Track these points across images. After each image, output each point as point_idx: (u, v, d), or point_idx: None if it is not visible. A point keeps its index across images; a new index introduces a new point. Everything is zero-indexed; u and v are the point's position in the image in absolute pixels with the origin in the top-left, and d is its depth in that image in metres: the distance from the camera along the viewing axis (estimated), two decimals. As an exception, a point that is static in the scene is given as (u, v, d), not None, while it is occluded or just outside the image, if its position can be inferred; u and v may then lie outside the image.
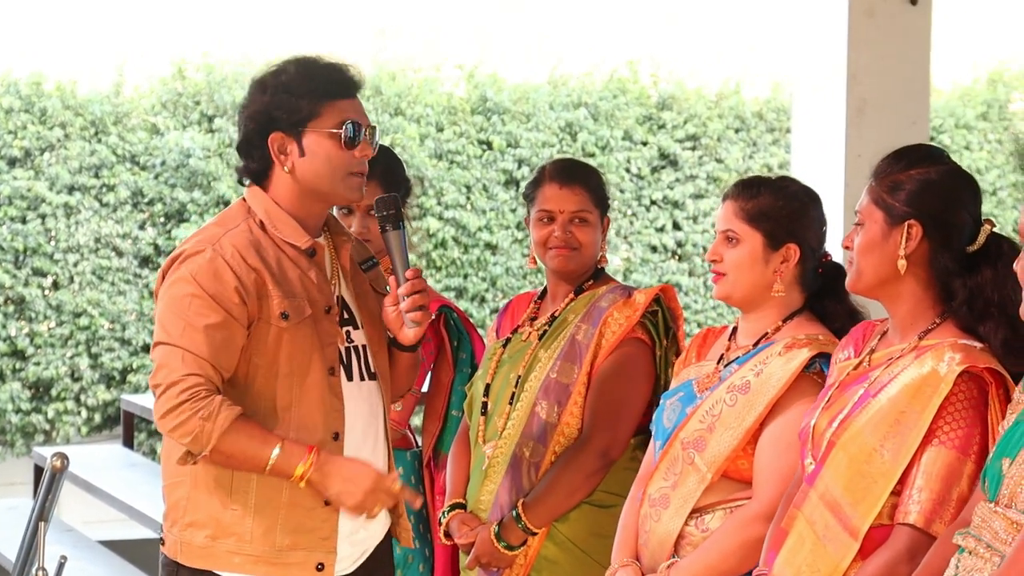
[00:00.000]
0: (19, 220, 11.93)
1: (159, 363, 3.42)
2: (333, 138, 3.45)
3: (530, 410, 4.12)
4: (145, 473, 8.20)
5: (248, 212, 3.52)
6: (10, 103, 12.03)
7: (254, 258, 3.43)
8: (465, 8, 14.91)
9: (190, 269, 3.41)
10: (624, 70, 13.71)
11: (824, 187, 6.45)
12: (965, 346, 3.16)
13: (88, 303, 12.06)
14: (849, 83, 6.64)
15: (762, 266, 3.66)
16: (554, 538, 4.07)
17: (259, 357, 3.43)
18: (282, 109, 3.45)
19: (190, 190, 12.29)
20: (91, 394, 12.12)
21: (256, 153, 3.50)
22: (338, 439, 3.48)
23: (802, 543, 3.23)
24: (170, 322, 3.41)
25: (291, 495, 3.45)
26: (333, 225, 3.63)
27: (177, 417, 3.35)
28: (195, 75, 12.64)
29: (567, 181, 4.18)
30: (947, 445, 3.10)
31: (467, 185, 12.96)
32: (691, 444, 3.63)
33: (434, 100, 13.00)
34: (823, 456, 3.23)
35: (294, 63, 3.51)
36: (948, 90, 14.53)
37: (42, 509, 3.51)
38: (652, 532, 3.68)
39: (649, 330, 4.12)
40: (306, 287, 3.47)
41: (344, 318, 3.56)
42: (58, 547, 5.61)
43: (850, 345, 3.43)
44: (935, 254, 3.24)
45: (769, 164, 13.73)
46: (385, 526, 3.67)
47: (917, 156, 3.30)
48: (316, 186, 3.48)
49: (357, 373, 3.55)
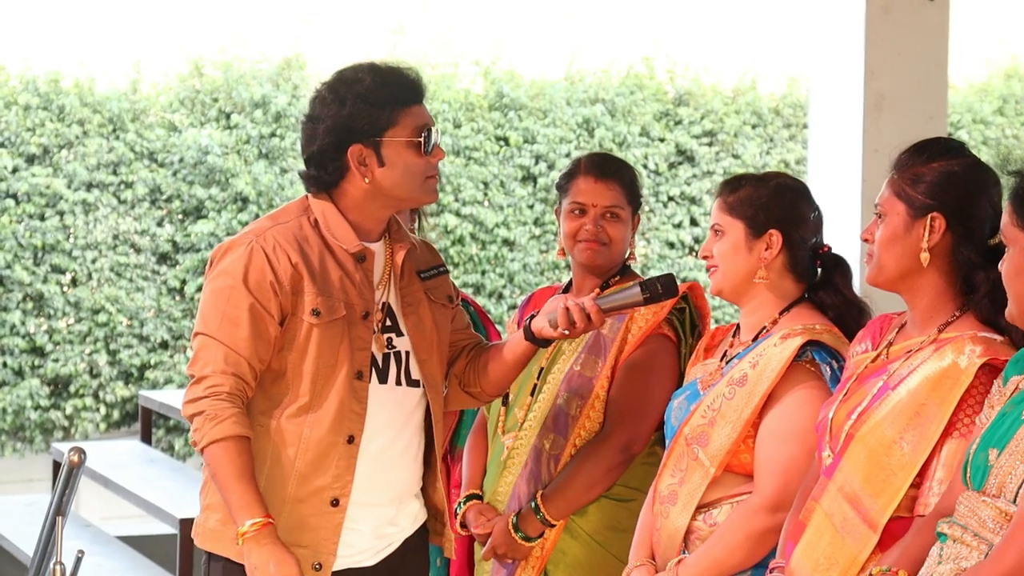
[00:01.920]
0: (37, 217, 11.96)
1: (196, 354, 3.49)
2: (411, 146, 3.49)
3: (552, 402, 4.12)
4: (163, 469, 8.21)
5: (305, 209, 3.56)
6: (28, 100, 12.06)
7: (295, 253, 3.47)
8: (482, 4, 14.91)
9: (231, 260, 3.48)
10: (641, 66, 13.70)
11: (841, 183, 6.48)
12: (985, 339, 3.16)
13: (106, 300, 12.09)
14: (866, 78, 6.62)
15: (745, 254, 3.68)
16: (571, 531, 4.07)
17: (289, 352, 3.47)
18: (362, 120, 3.46)
19: (208, 187, 12.31)
20: (109, 390, 12.15)
21: (332, 165, 3.51)
22: (352, 442, 3.50)
23: (820, 535, 3.23)
24: (209, 313, 3.47)
25: (296, 491, 3.48)
26: (395, 230, 3.65)
27: (193, 407, 3.44)
28: (213, 72, 12.66)
29: (602, 175, 4.17)
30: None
31: (484, 181, 12.96)
32: (695, 440, 3.65)
33: (451, 96, 13.00)
34: (842, 449, 3.23)
35: (367, 72, 3.51)
36: (964, 86, 14.50)
37: (60, 503, 3.52)
38: (663, 529, 3.70)
39: (675, 327, 4.12)
40: (345, 289, 3.50)
41: (387, 325, 3.58)
42: (76, 542, 5.62)
43: (867, 338, 3.43)
44: (957, 247, 3.23)
45: (786, 160, 13.72)
46: (418, 521, 3.70)
47: (938, 149, 3.30)
48: (394, 193, 3.52)
49: (393, 379, 3.57)
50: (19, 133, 11.97)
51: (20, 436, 12.15)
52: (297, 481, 3.47)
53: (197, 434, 3.42)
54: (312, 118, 3.52)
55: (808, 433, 3.48)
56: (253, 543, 3.37)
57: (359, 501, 3.53)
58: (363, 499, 3.54)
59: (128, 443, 10.12)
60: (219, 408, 3.39)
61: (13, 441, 12.13)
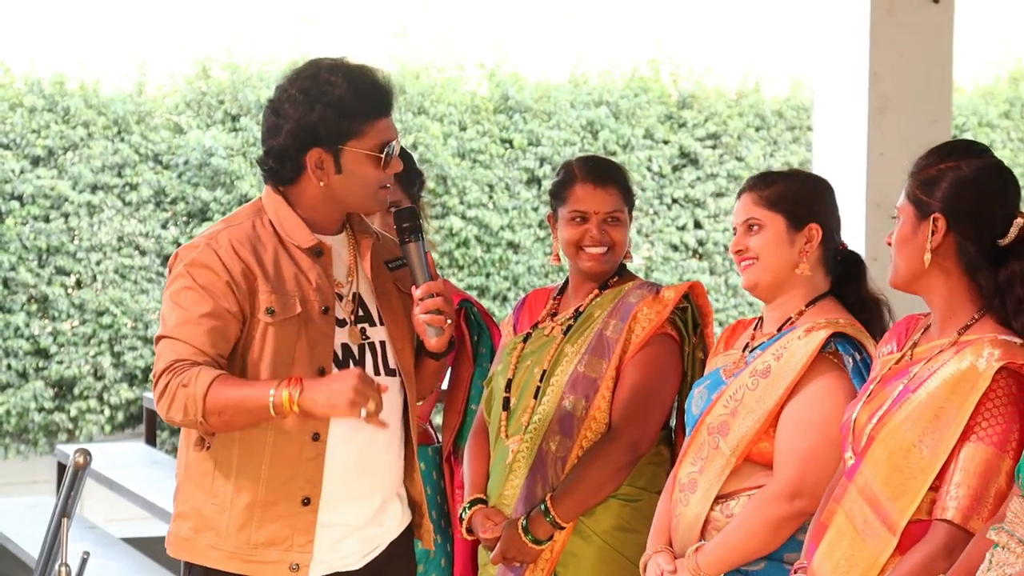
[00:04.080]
0: (42, 219, 11.97)
1: (157, 356, 3.43)
2: (371, 159, 3.46)
3: (557, 404, 4.12)
4: (167, 470, 8.21)
5: (258, 210, 3.54)
6: (33, 102, 12.07)
7: (247, 253, 3.45)
8: (485, 7, 14.92)
9: (184, 263, 3.45)
10: (645, 69, 13.70)
11: (846, 185, 6.48)
12: (1004, 342, 3.15)
13: (111, 302, 12.10)
14: (871, 81, 6.63)
15: (788, 247, 3.73)
16: (580, 532, 4.07)
17: (247, 352, 3.44)
18: (326, 127, 3.43)
19: (213, 189, 12.32)
20: (114, 392, 12.15)
21: (290, 163, 3.49)
22: (318, 439, 3.46)
23: (841, 537, 3.23)
24: (168, 316, 3.43)
25: (266, 494, 3.45)
26: (356, 223, 3.64)
27: (167, 397, 3.33)
28: (218, 74, 12.67)
29: (601, 182, 4.17)
30: (985, 441, 3.09)
31: (489, 184, 12.97)
32: (716, 429, 3.69)
33: (457, 99, 13.01)
34: (863, 451, 3.23)
35: (343, 78, 3.45)
36: (970, 89, 14.50)
37: (65, 505, 3.52)
38: (682, 516, 3.73)
39: (678, 326, 4.13)
40: (301, 286, 3.47)
41: (360, 315, 3.56)
42: (81, 544, 5.62)
43: (893, 339, 3.43)
44: (962, 247, 3.23)
45: (789, 162, 13.71)
46: (403, 523, 3.67)
47: (950, 151, 3.31)
48: (346, 201, 3.51)
49: (371, 369, 3.55)
50: (24, 135, 11.98)
51: (24, 438, 12.15)
52: (266, 483, 3.44)
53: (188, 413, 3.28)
54: (277, 113, 3.48)
55: (828, 423, 3.50)
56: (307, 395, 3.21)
57: (335, 498, 3.49)
58: (340, 495, 3.50)
59: (132, 445, 10.14)
60: (185, 373, 3.30)
61: (17, 443, 12.14)
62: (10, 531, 7.62)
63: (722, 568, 3.63)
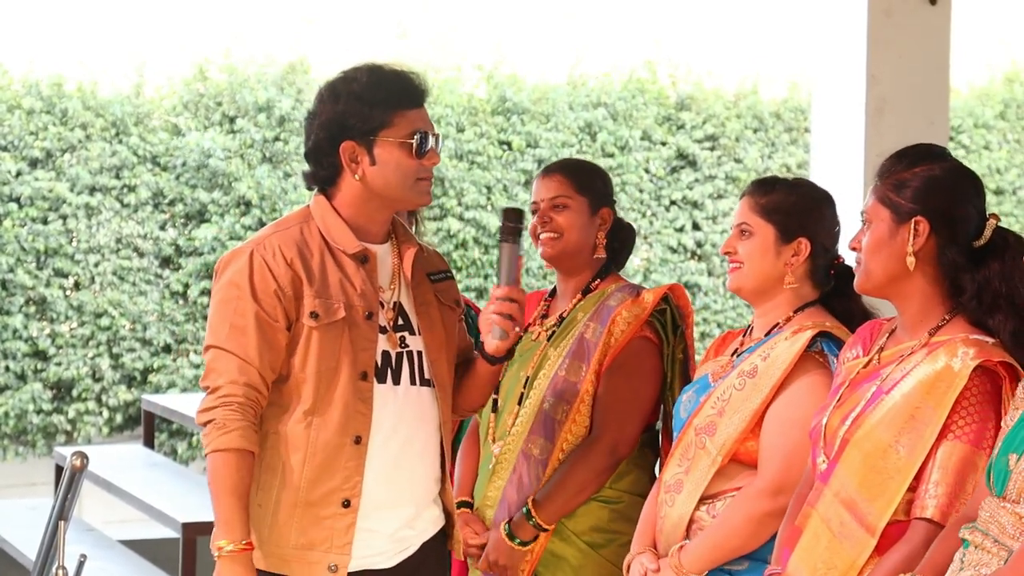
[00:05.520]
0: (40, 221, 11.97)
1: (208, 366, 3.51)
2: (404, 148, 3.51)
3: (538, 408, 4.15)
4: (166, 473, 8.22)
5: (306, 216, 3.60)
6: (31, 104, 12.07)
7: (294, 258, 3.50)
8: (484, 8, 14.92)
9: (233, 270, 3.51)
10: (643, 70, 13.71)
11: (843, 187, 6.48)
12: (977, 341, 3.19)
13: (109, 303, 12.10)
14: (868, 83, 6.64)
15: (773, 258, 3.75)
16: (560, 534, 4.09)
17: (292, 356, 3.50)
18: (355, 118, 3.50)
19: (211, 190, 12.32)
20: (112, 394, 12.16)
21: (326, 160, 3.55)
22: (360, 442, 3.51)
23: (817, 541, 3.25)
24: (217, 325, 3.50)
25: (308, 495, 3.49)
26: (401, 232, 3.69)
27: (205, 416, 3.46)
28: (216, 75, 12.67)
29: (547, 172, 4.26)
30: (962, 439, 3.13)
31: (487, 185, 12.97)
32: (703, 429, 3.71)
33: (454, 101, 13.02)
34: (837, 454, 3.25)
35: (365, 71, 3.55)
36: (966, 90, 14.51)
37: (62, 508, 3.53)
38: (667, 517, 3.75)
39: (657, 329, 4.16)
40: (345, 291, 3.52)
41: (399, 323, 3.60)
42: (78, 546, 5.63)
43: (858, 344, 3.46)
44: (942, 250, 3.26)
45: (787, 164, 13.73)
46: (436, 525, 3.71)
47: (919, 154, 3.34)
48: (385, 193, 3.55)
49: (407, 378, 3.59)
50: (22, 137, 11.98)
51: (22, 440, 12.15)
52: (308, 484, 3.48)
53: (206, 439, 3.45)
54: (311, 115, 3.59)
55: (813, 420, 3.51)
56: (228, 562, 3.39)
57: (375, 503, 3.54)
58: (379, 500, 3.55)
59: (131, 447, 10.14)
60: (229, 418, 3.42)
61: (15, 445, 12.14)
62: (8, 533, 7.62)
63: (705, 566, 3.65)
